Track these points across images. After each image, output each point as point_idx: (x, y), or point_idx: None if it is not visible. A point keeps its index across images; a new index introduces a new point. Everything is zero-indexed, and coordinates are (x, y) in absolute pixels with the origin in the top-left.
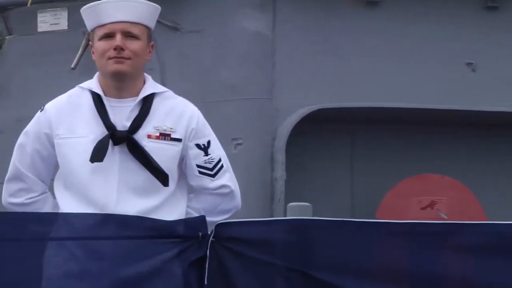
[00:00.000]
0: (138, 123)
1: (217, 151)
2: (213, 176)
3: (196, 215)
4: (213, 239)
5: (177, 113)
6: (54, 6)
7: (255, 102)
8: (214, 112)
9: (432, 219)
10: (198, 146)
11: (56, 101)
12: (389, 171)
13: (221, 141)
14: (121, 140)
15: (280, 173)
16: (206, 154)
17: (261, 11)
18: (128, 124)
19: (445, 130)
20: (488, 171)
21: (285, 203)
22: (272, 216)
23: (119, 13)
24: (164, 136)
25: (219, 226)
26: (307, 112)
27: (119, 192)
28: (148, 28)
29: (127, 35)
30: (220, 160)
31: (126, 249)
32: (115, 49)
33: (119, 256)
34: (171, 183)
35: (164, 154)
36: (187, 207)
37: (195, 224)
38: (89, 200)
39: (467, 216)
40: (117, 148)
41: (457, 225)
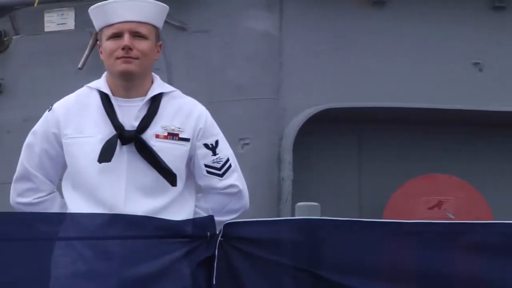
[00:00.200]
0: (146, 122)
1: (225, 150)
2: (221, 175)
3: (204, 214)
4: (222, 239)
5: (185, 113)
6: (61, 6)
7: (262, 102)
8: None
9: (439, 219)
10: (206, 145)
11: (64, 101)
12: (396, 171)
13: (228, 141)
14: (129, 140)
15: (287, 173)
16: (214, 153)
17: (268, 11)
18: (136, 123)
19: (452, 130)
20: (495, 170)
21: (292, 203)
22: (279, 216)
23: (127, 12)
24: (172, 135)
25: (228, 226)
26: (314, 112)
27: (127, 192)
28: (156, 28)
29: (135, 34)
30: (228, 160)
31: (134, 249)
32: (123, 48)
33: (127, 256)
34: (179, 183)
35: (172, 154)
36: (195, 206)
37: (203, 223)
38: (97, 200)
39: (474, 216)
40: (125, 148)
41: (465, 224)
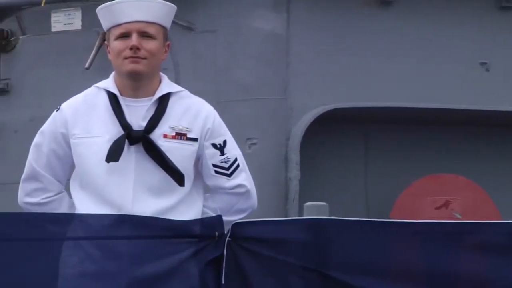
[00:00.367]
0: (154, 122)
1: (233, 150)
2: (229, 175)
3: (212, 214)
4: (230, 239)
5: (193, 113)
6: (68, 6)
7: (269, 102)
8: (228, 112)
9: (446, 218)
10: (214, 145)
11: (72, 101)
12: (403, 170)
13: (235, 141)
14: (137, 140)
15: (295, 173)
16: (222, 153)
17: (275, 11)
18: (144, 123)
19: (459, 130)
20: (502, 170)
21: (299, 203)
22: (286, 216)
23: (135, 12)
24: (180, 135)
25: (236, 226)
26: (321, 112)
27: (135, 192)
28: (164, 28)
29: (143, 34)
30: (236, 160)
31: (143, 249)
32: (131, 48)
33: (135, 256)
34: (187, 183)
35: (180, 154)
36: (203, 206)
37: (211, 223)
38: (105, 200)
39: (481, 215)
40: (133, 148)
41: (473, 224)
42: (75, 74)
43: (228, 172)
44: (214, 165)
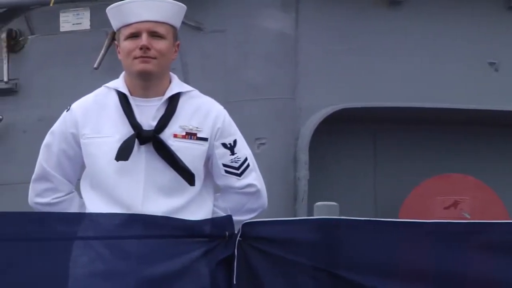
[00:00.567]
0: (164, 122)
1: (243, 150)
2: (239, 175)
3: (222, 214)
4: (240, 239)
5: (203, 113)
6: (76, 6)
7: (278, 101)
8: (237, 112)
9: (455, 218)
10: (224, 145)
11: (82, 101)
12: (412, 170)
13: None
14: (147, 139)
15: (303, 172)
16: (232, 153)
17: (284, 10)
18: (154, 123)
19: (468, 130)
20: (511, 170)
21: (308, 202)
22: (295, 215)
23: (145, 12)
24: (190, 135)
25: (246, 226)
26: (330, 112)
27: (145, 191)
28: (173, 28)
29: (153, 34)
30: (246, 159)
31: (153, 248)
32: (141, 48)
33: (145, 256)
34: (197, 182)
35: (190, 154)
36: (214, 206)
37: (222, 223)
38: (115, 200)
39: (490, 215)
40: (143, 147)
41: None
42: (83, 74)
43: (238, 172)
44: (224, 165)
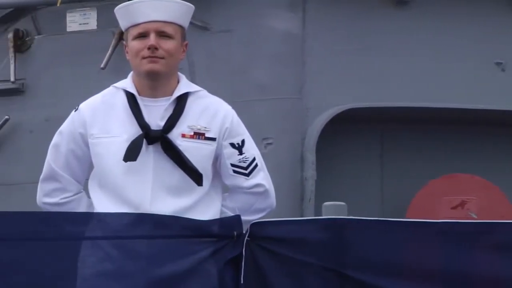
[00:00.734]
0: (172, 122)
1: (251, 150)
2: (248, 175)
3: (230, 214)
4: (248, 239)
5: (211, 112)
6: (83, 6)
7: (285, 101)
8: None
9: (462, 218)
10: (232, 145)
11: (90, 101)
12: (419, 170)
13: None
14: (155, 139)
15: (311, 172)
16: (241, 153)
17: (291, 10)
18: (162, 123)
19: (475, 130)
20: None
21: (315, 202)
22: (302, 215)
23: (153, 12)
24: (198, 135)
25: (254, 226)
26: (337, 112)
27: (153, 191)
28: (181, 28)
29: (161, 34)
30: (254, 159)
31: (162, 248)
32: (149, 48)
33: (154, 256)
34: (205, 182)
35: (198, 154)
36: (222, 206)
37: (230, 223)
38: (123, 200)
39: (497, 215)
40: (151, 147)
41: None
42: (90, 74)
43: (247, 172)
44: (233, 165)
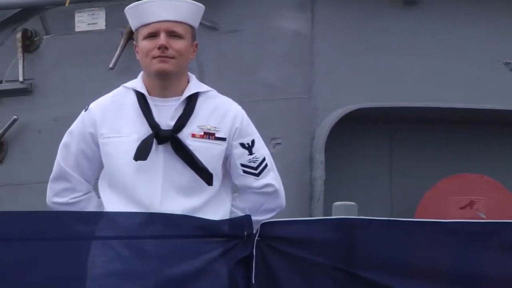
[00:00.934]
0: (182, 122)
1: (261, 150)
2: (258, 175)
3: (240, 214)
4: (259, 238)
5: (221, 112)
6: (91, 6)
7: (293, 101)
8: (252, 112)
9: (471, 218)
10: (243, 145)
11: (100, 101)
12: (428, 171)
13: None
14: (165, 139)
15: (319, 172)
16: (251, 153)
17: (300, 10)
18: (172, 123)
19: (484, 130)
20: None
21: (323, 202)
22: (311, 216)
23: (163, 12)
24: (209, 135)
25: (265, 225)
26: (346, 112)
27: (163, 191)
28: (192, 27)
29: (171, 34)
30: (264, 159)
31: (172, 248)
32: (159, 48)
33: (164, 255)
34: (215, 182)
35: (208, 153)
36: (232, 206)
37: (240, 223)
38: (133, 200)
39: (506, 216)
40: (161, 147)
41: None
42: (98, 74)
43: (256, 172)
44: (243, 165)
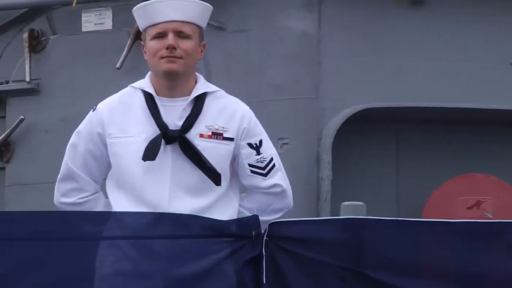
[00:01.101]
0: (190, 122)
1: (269, 150)
2: (265, 175)
3: (248, 214)
4: (267, 238)
5: (229, 113)
6: (98, 6)
7: (301, 101)
8: (260, 112)
9: (478, 218)
10: (250, 145)
11: (108, 101)
12: (435, 171)
13: None
14: (173, 139)
15: (327, 172)
16: (258, 153)
17: (307, 10)
18: (180, 123)
19: (490, 130)
20: None
21: (330, 203)
22: (318, 215)
23: (171, 12)
24: (216, 135)
25: (273, 225)
26: (353, 112)
27: (171, 191)
28: (199, 28)
29: (179, 34)
30: (272, 159)
31: (180, 248)
32: (167, 48)
33: (172, 255)
34: (223, 182)
35: (216, 153)
36: (240, 206)
37: (248, 223)
38: (141, 200)
39: None
40: (169, 147)
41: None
42: (105, 74)
43: (264, 172)
44: (250, 165)
